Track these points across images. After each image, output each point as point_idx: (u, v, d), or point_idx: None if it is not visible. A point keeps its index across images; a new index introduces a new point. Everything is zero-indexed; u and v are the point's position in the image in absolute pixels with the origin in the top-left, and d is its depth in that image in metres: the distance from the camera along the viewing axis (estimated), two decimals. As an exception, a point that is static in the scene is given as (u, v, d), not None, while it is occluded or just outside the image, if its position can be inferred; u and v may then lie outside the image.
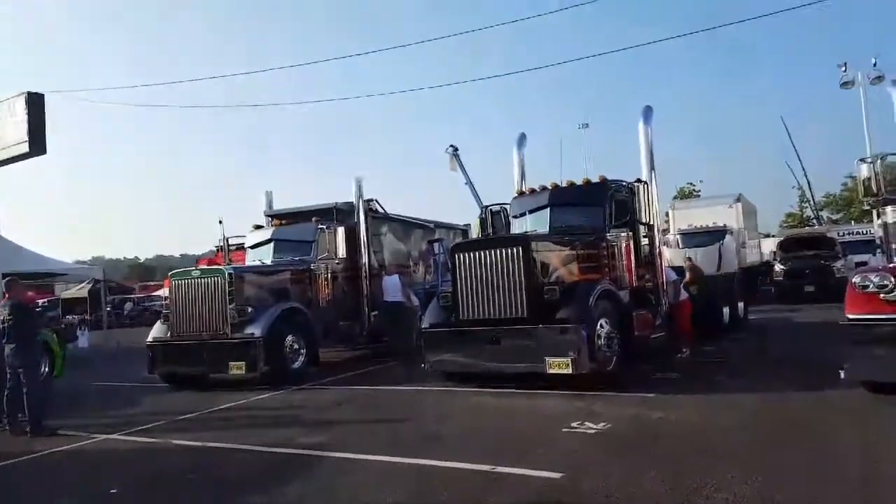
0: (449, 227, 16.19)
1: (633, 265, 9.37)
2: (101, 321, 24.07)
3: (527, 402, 7.64)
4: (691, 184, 44.24)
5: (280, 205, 13.73)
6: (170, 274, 10.99)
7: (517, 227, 10.48)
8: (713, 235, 20.20)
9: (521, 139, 11.81)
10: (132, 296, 40.76)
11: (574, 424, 6.31)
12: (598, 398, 7.47)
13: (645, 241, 10.14)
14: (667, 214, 22.48)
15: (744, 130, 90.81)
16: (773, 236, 28.86)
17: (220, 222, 12.70)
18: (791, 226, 42.68)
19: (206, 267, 10.71)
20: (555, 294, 8.06)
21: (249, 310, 10.15)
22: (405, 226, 14.21)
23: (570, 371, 7.70)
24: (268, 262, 12.01)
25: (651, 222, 10.02)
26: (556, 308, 8.05)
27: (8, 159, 15.06)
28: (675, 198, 32.98)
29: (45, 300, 31.06)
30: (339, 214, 12.50)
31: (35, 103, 14.75)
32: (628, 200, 9.69)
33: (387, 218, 13.57)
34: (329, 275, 11.70)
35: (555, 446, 5.68)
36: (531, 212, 10.29)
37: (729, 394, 7.44)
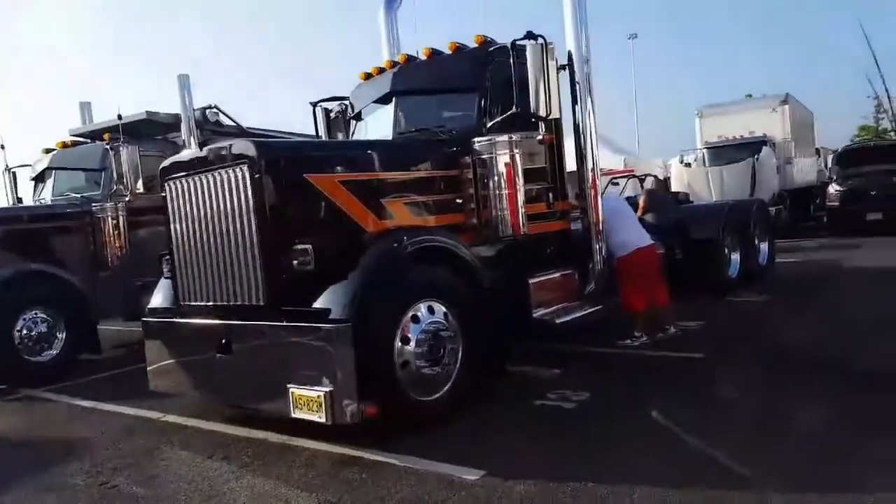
0: None
1: (519, 195, 5.10)
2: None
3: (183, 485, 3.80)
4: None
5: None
6: None
7: (360, 133, 6.35)
8: (747, 148, 15.37)
9: (392, -6, 7.43)
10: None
11: None
12: (345, 480, 3.60)
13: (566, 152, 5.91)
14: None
15: (817, 37, 78.08)
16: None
17: (2, 147, 9.16)
18: (864, 140, 35.69)
19: None
20: (307, 260, 4.03)
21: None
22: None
23: (322, 418, 3.81)
24: (48, 200, 8.43)
25: (566, 116, 5.72)
26: (319, 287, 4.06)
27: None
28: None
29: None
30: (152, 128, 8.61)
31: None
32: (518, 77, 5.28)
33: (240, 132, 9.49)
34: (124, 220, 7.94)
35: None
36: (370, 106, 6.10)
37: (644, 481, 3.33)
